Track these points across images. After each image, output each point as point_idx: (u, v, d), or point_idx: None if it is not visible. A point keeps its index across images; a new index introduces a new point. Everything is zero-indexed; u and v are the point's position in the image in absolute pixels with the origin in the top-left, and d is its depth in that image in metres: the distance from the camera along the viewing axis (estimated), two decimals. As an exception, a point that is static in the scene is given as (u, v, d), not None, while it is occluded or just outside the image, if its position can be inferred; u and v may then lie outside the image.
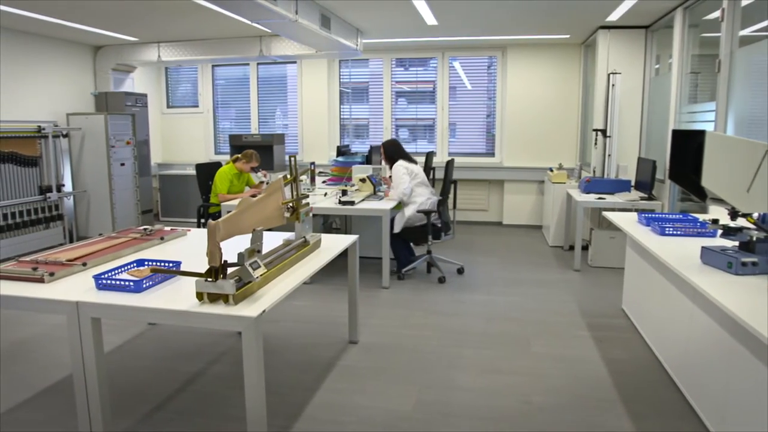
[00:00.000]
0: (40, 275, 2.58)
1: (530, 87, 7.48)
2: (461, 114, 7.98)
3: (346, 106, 8.37)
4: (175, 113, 8.70)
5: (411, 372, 3.31)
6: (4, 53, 6.08)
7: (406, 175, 5.27)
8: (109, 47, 7.24)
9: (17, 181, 5.81)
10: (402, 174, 5.27)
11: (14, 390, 3.11)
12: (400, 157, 5.41)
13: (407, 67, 8.15)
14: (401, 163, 5.34)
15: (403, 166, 5.32)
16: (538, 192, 7.64)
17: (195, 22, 5.95)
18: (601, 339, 3.78)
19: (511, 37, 6.95)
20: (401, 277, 5.34)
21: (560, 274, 5.43)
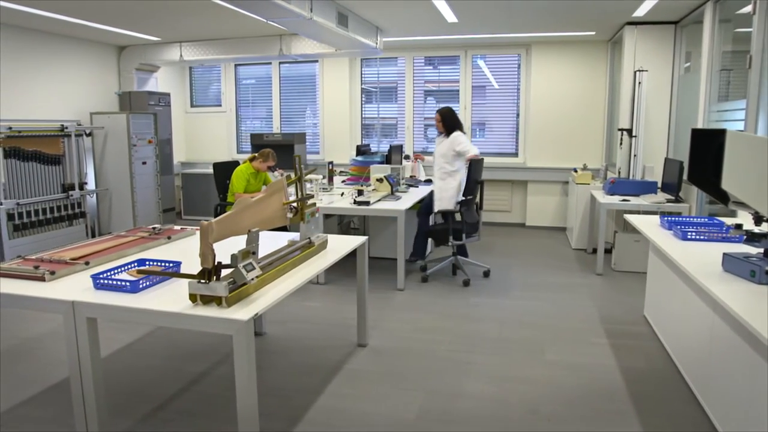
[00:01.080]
0: (41, 274, 2.58)
1: (555, 86, 7.29)
2: (489, 113, 7.84)
3: (373, 105, 8.30)
4: (198, 112, 8.76)
5: (418, 378, 3.22)
6: (31, 54, 6.19)
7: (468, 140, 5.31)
8: (133, 47, 7.32)
9: (41, 179, 5.91)
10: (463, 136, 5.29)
11: (19, 387, 3.13)
12: (458, 129, 5.33)
13: (436, 65, 8.04)
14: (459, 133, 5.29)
15: (461, 135, 5.30)
16: (562, 193, 7.45)
17: (215, 22, 5.96)
18: (619, 347, 3.63)
19: (535, 34, 6.79)
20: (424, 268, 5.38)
21: (582, 278, 5.26)
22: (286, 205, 2.88)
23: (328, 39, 5.78)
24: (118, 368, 3.38)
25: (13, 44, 5.98)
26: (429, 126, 8.11)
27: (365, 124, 8.36)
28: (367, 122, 8.36)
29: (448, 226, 5.18)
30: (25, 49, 6.12)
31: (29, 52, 6.18)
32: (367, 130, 8.39)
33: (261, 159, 5.64)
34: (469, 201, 5.10)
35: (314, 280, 5.11)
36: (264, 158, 5.65)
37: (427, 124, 8.11)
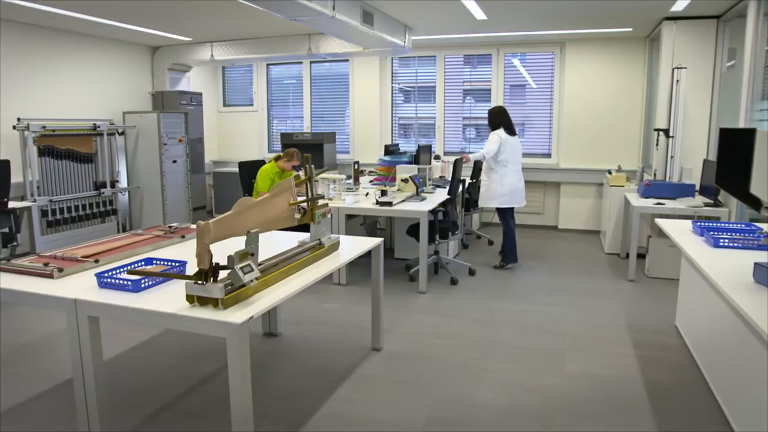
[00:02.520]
0: (49, 271, 2.60)
1: (590, 84, 7.06)
2: (522, 113, 7.64)
3: (411, 105, 8.20)
4: (230, 111, 8.85)
5: (429, 384, 3.12)
6: (68, 56, 6.35)
7: (497, 143, 5.41)
8: (166, 47, 7.44)
9: (74, 177, 6.05)
10: (493, 139, 5.45)
11: (34, 382, 3.18)
12: (501, 126, 5.49)
13: (475, 65, 7.88)
14: (498, 132, 5.46)
15: (497, 134, 5.45)
16: (596, 195, 7.20)
17: (244, 21, 5.98)
18: (645, 358, 3.44)
19: (569, 31, 6.57)
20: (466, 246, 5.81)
21: (612, 283, 5.06)
22: (294, 206, 2.83)
23: (353, 37, 5.72)
24: (129, 366, 3.40)
25: (50, 46, 6.14)
26: (468, 126, 7.94)
27: (402, 124, 8.27)
28: (405, 122, 8.26)
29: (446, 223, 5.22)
30: (61, 50, 6.28)
31: (66, 53, 6.34)
32: (405, 130, 8.29)
33: (286, 158, 5.63)
34: (452, 200, 5.20)
35: (335, 281, 5.07)
36: (289, 158, 5.64)
37: (465, 124, 7.94)
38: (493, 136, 5.46)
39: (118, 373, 3.30)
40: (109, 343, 3.69)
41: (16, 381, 3.19)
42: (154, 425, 2.72)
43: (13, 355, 3.56)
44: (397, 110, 8.28)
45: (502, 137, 5.42)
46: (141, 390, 3.08)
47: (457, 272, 5.34)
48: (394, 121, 8.23)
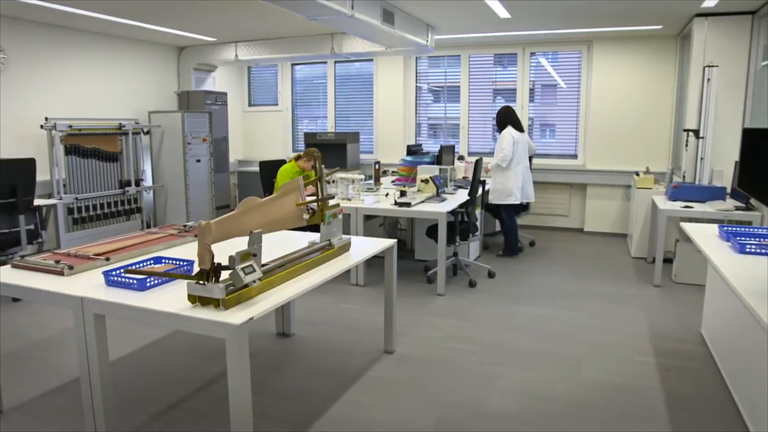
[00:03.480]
0: (60, 268, 2.62)
1: (618, 84, 6.88)
2: (548, 113, 7.49)
3: (440, 105, 8.11)
4: (255, 111, 8.91)
5: (440, 389, 3.06)
6: (96, 56, 6.47)
7: (511, 144, 5.60)
8: (192, 48, 7.52)
9: (99, 175, 6.16)
10: (507, 140, 5.61)
11: (49, 377, 3.23)
12: (510, 123, 5.69)
13: (506, 65, 7.75)
14: (509, 130, 5.66)
15: (509, 134, 5.63)
16: (623, 198, 7.01)
17: (267, 21, 6.00)
18: (667, 367, 3.32)
19: (597, 29, 6.41)
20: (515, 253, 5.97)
21: (637, 288, 4.90)
22: (303, 206, 2.80)
23: (375, 37, 5.69)
24: (140, 364, 3.43)
25: (78, 47, 6.27)
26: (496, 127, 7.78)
27: (432, 124, 8.19)
28: (434, 122, 8.17)
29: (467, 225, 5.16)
30: (89, 51, 6.41)
31: (94, 54, 6.46)
32: (435, 130, 8.20)
33: (306, 158, 5.63)
34: (471, 201, 5.16)
35: (352, 281, 5.04)
36: (309, 157, 5.63)
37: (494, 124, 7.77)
38: (505, 137, 5.65)
39: (128, 371, 3.33)
40: (121, 340, 3.74)
41: (30, 376, 3.24)
42: (161, 423, 2.72)
43: (29, 349, 3.63)
44: (427, 110, 8.19)
45: (514, 135, 5.64)
46: (150, 388, 3.10)
47: (476, 274, 5.26)
48: (418, 121, 8.17)
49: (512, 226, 6.00)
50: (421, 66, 8.03)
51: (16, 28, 5.61)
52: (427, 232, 5.28)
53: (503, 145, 5.65)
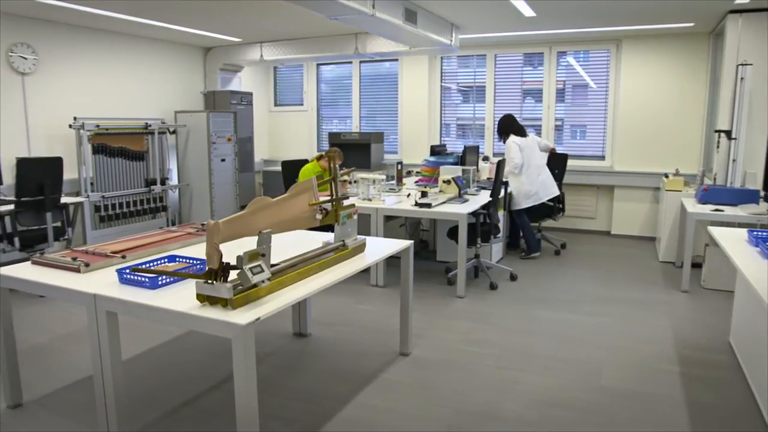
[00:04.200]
0: (76, 265, 2.66)
1: (648, 83, 6.70)
2: (575, 113, 7.34)
3: (469, 105, 8.02)
4: (281, 111, 8.96)
5: (454, 394, 3.01)
6: (123, 57, 6.60)
7: (518, 151, 5.74)
8: (218, 48, 7.61)
9: (125, 174, 6.27)
10: (513, 149, 5.74)
11: (66, 372, 3.28)
12: (512, 132, 5.82)
13: (535, 65, 7.63)
14: (512, 138, 5.78)
15: (514, 142, 5.76)
16: (652, 200, 6.83)
17: (291, 22, 6.02)
18: (691, 376, 3.20)
19: (625, 27, 6.25)
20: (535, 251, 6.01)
21: (664, 294, 4.76)
22: (315, 206, 2.78)
23: (397, 36, 5.65)
24: (157, 361, 3.46)
25: (107, 49, 6.40)
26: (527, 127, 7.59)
27: (461, 124, 8.11)
28: (463, 122, 8.09)
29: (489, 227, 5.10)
30: (118, 52, 6.53)
31: (122, 55, 6.59)
32: (464, 130, 8.12)
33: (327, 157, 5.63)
34: (494, 202, 5.12)
35: (372, 282, 5.02)
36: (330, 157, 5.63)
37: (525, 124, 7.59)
38: (511, 146, 5.79)
39: (143, 368, 3.36)
40: (138, 338, 3.79)
41: (50, 370, 3.30)
42: (173, 421, 2.74)
43: (52, 344, 3.70)
44: (456, 111, 8.11)
45: (518, 142, 5.77)
46: (164, 385, 3.12)
47: (498, 277, 5.19)
48: (444, 121, 8.10)
49: (524, 224, 6.02)
50: (450, 66, 7.96)
51: (48, 30, 5.75)
52: (448, 233, 5.22)
53: (511, 154, 5.79)
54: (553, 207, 6.18)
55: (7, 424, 2.72)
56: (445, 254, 5.85)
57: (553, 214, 6.25)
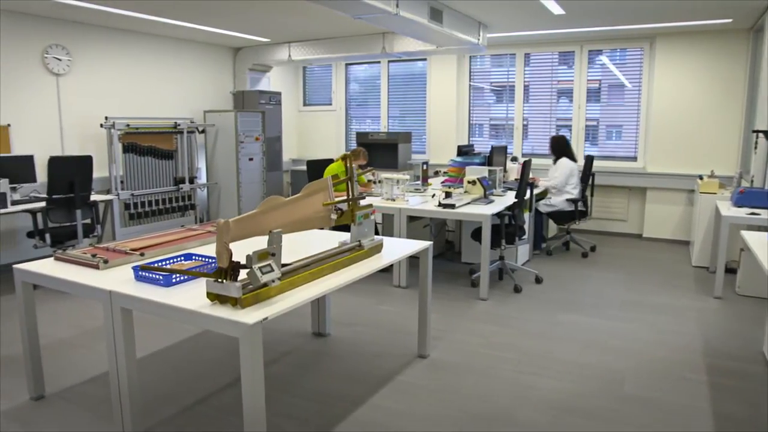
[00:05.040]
0: (96, 262, 2.71)
1: (683, 82, 6.49)
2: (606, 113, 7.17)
3: (502, 105, 7.91)
4: (310, 111, 9.01)
5: (469, 398, 2.96)
6: (154, 57, 6.74)
7: (567, 176, 6.05)
8: (247, 48, 7.69)
9: (155, 173, 6.39)
10: (565, 173, 6.06)
11: (88, 366, 3.35)
12: (564, 155, 6.14)
13: (570, 65, 7.47)
14: (567, 162, 6.09)
15: (568, 165, 6.07)
16: (686, 203, 6.62)
17: (317, 22, 6.04)
18: (719, 387, 3.08)
19: (660, 24, 6.07)
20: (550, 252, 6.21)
21: (695, 300, 4.60)
22: (330, 206, 2.77)
23: (423, 35, 5.61)
24: (174, 358, 3.49)
25: (138, 50, 6.54)
26: (561, 127, 7.49)
27: (494, 124, 8.01)
28: (496, 123, 7.99)
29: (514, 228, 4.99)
30: (149, 53, 6.67)
31: (153, 56, 6.72)
32: (497, 130, 8.01)
33: (354, 157, 5.63)
34: (519, 203, 5.04)
35: (395, 283, 4.99)
36: (355, 156, 5.63)
37: (559, 125, 7.47)
38: (564, 168, 6.07)
39: (162, 365, 3.40)
40: (159, 334, 3.85)
41: (74, 363, 3.37)
42: (186, 417, 2.76)
43: (78, 339, 3.78)
44: (489, 110, 8.00)
45: (571, 166, 6.06)
46: (180, 382, 3.15)
47: (523, 279, 5.11)
48: (472, 121, 8.01)
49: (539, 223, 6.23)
50: (484, 65, 7.86)
51: (81, 32, 5.90)
52: (472, 234, 5.16)
53: (557, 174, 6.12)
54: (573, 211, 6.07)
55: (28, 415, 2.79)
56: (470, 255, 5.78)
57: (575, 218, 6.14)
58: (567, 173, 6.06)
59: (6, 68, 5.34)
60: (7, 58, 5.34)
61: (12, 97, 5.40)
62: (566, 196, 6.10)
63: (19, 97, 5.45)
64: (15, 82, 5.41)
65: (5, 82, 5.34)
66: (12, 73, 5.39)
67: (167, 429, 2.66)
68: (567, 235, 6.39)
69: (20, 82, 5.45)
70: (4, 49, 5.32)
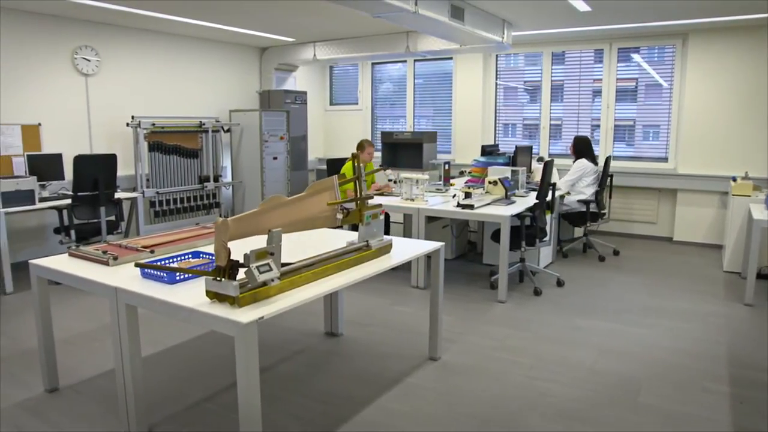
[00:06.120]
0: (106, 258, 2.75)
1: (717, 80, 6.26)
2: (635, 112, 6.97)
3: (536, 105, 7.78)
4: (336, 110, 9.03)
5: (479, 402, 2.90)
6: (181, 57, 6.86)
7: (580, 172, 6.01)
8: (273, 48, 7.75)
9: (180, 171, 6.50)
10: (577, 169, 6.02)
11: (103, 361, 3.41)
12: (584, 156, 6.07)
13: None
14: (583, 160, 6.03)
15: (582, 165, 6.01)
16: (719, 205, 6.38)
17: (340, 21, 6.04)
18: (742, 399, 2.95)
19: (693, 21, 5.86)
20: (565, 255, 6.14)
21: (723, 306, 4.43)
22: (335, 206, 2.75)
23: (445, 34, 5.55)
24: (184, 355, 3.52)
25: (166, 49, 6.67)
26: (596, 128, 7.30)
27: (528, 124, 7.89)
28: (530, 122, 7.86)
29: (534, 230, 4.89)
30: (176, 53, 6.79)
31: (180, 55, 6.85)
32: (531, 131, 7.87)
33: (360, 151, 5.71)
34: (540, 204, 4.93)
35: (413, 284, 4.95)
36: (362, 149, 5.68)
37: (594, 124, 7.29)
38: (577, 166, 6.03)
39: (174, 361, 3.44)
40: (173, 331, 3.89)
41: (90, 357, 3.44)
42: (191, 414, 2.78)
43: (95, 333, 3.86)
44: (522, 110, 7.85)
45: (586, 167, 6.00)
46: (190, 379, 3.18)
47: (544, 282, 5.00)
48: (498, 120, 7.90)
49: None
50: (517, 63, 7.73)
51: (110, 33, 6.04)
52: (492, 235, 5.08)
53: (572, 170, 6.10)
54: (585, 212, 5.95)
55: (41, 406, 2.86)
56: (491, 257, 5.70)
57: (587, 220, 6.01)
58: (578, 174, 6.00)
59: (37, 69, 5.50)
60: (38, 59, 5.50)
61: (43, 97, 5.56)
62: (579, 196, 6.01)
63: (49, 96, 5.61)
64: (46, 83, 5.57)
65: (37, 83, 5.50)
66: (43, 74, 5.55)
67: (173, 424, 2.69)
68: (584, 237, 6.25)
69: (51, 82, 5.61)
70: (36, 51, 5.48)
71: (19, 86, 5.40)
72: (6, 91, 5.31)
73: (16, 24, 5.32)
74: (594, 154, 6.15)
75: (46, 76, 5.57)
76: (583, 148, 6.13)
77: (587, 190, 6.02)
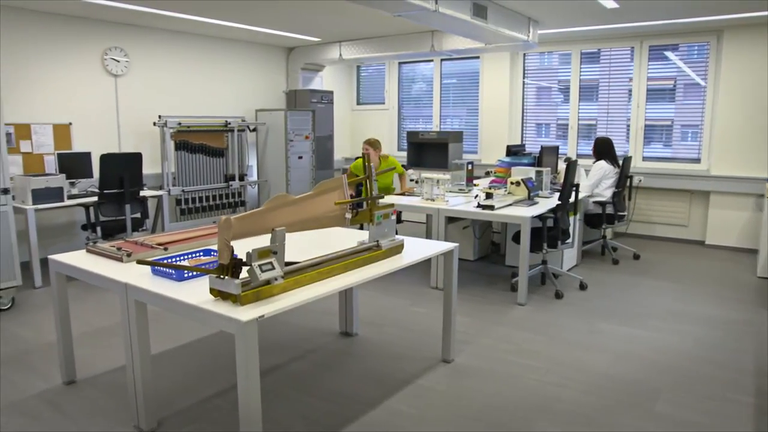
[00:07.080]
0: (119, 255, 2.81)
1: (753, 78, 6.03)
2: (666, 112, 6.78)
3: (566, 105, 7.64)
4: (363, 110, 9.04)
5: (488, 407, 2.85)
6: (208, 58, 6.97)
7: (600, 175, 5.91)
8: (300, 48, 7.80)
9: (206, 170, 6.60)
10: (596, 171, 5.93)
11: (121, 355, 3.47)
12: (605, 157, 5.97)
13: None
14: (601, 162, 5.95)
15: (601, 167, 5.92)
16: (754, 208, 6.15)
17: (365, 21, 6.04)
18: (766, 411, 2.82)
19: (727, 16, 5.66)
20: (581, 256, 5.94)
21: (754, 313, 4.26)
22: (343, 205, 2.74)
23: (468, 32, 5.49)
24: (196, 351, 3.56)
25: (193, 50, 6.78)
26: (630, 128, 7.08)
27: (561, 124, 7.76)
28: (563, 122, 7.72)
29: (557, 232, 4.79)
30: (204, 53, 6.91)
31: (208, 56, 6.96)
32: (563, 130, 7.73)
33: (371, 148, 5.75)
34: (562, 206, 4.80)
35: (432, 284, 4.91)
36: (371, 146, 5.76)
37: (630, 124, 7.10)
38: (596, 169, 5.93)
39: (186, 357, 3.48)
40: (189, 328, 3.94)
41: (108, 351, 3.52)
42: (201, 409, 2.81)
43: (115, 328, 3.94)
44: (556, 110, 7.70)
45: (605, 169, 5.90)
46: (201, 375, 3.22)
47: (566, 285, 4.90)
48: (525, 119, 7.79)
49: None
50: (552, 62, 7.60)
51: (138, 35, 6.18)
52: (514, 237, 5.00)
53: (591, 173, 5.99)
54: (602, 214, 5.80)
55: (58, 397, 2.93)
56: (514, 258, 5.61)
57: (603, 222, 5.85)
58: (598, 176, 5.90)
59: (69, 70, 5.66)
60: (69, 60, 5.66)
61: (74, 97, 5.72)
62: (596, 198, 5.90)
63: (80, 96, 5.76)
64: (77, 83, 5.73)
65: (68, 83, 5.66)
66: (74, 75, 5.71)
67: (183, 419, 2.72)
68: (601, 239, 6.11)
69: (81, 82, 5.76)
70: (68, 52, 5.64)
71: (52, 87, 5.56)
72: (39, 91, 5.48)
73: (48, 27, 5.48)
74: (615, 156, 6.00)
75: (77, 76, 5.73)
76: (604, 149, 6.01)
77: (606, 193, 5.91)
